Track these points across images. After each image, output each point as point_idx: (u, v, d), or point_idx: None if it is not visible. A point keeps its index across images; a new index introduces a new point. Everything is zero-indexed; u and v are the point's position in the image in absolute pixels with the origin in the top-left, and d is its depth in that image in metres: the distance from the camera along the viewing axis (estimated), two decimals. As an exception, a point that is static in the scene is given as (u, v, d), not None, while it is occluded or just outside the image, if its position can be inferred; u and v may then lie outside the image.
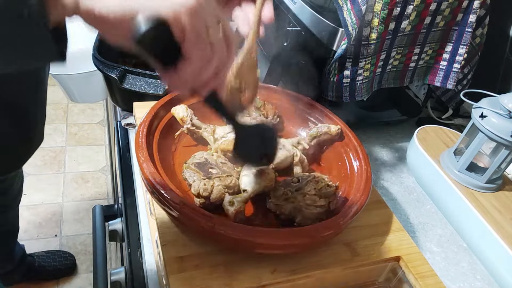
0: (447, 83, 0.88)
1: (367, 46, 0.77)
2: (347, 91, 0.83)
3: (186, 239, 0.56)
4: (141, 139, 0.62)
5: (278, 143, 0.64)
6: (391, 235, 0.63)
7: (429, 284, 0.57)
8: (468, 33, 0.82)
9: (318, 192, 0.59)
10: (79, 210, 1.93)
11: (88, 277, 1.62)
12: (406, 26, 0.78)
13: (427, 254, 0.73)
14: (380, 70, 0.85)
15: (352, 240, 0.61)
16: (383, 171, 0.90)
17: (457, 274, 0.70)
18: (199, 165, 0.61)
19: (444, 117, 1.03)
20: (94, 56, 0.84)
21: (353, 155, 0.70)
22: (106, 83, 0.88)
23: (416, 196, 0.85)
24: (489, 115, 0.71)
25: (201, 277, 0.52)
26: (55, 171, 2.09)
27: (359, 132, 0.97)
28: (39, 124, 1.01)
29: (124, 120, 0.92)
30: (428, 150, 0.84)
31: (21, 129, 0.94)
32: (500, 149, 0.74)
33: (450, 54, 0.86)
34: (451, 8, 0.79)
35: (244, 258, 0.55)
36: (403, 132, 1.03)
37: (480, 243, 0.72)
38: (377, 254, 0.60)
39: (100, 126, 2.42)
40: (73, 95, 1.82)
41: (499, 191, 0.78)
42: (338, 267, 0.57)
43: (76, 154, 2.21)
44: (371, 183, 0.64)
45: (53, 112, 2.43)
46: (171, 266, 0.53)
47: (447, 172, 0.80)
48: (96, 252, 0.84)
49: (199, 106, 0.75)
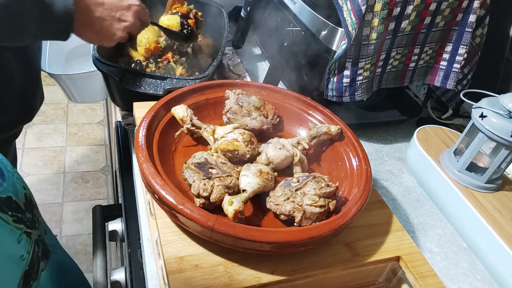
0: (447, 83, 0.88)
1: (367, 46, 0.77)
2: (347, 91, 0.83)
3: (186, 239, 0.56)
4: (141, 139, 0.62)
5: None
6: (391, 235, 0.63)
7: (429, 284, 0.57)
8: (468, 33, 0.82)
9: (318, 192, 0.59)
10: (79, 210, 1.93)
11: (88, 277, 1.61)
12: (406, 26, 0.78)
13: (427, 254, 0.73)
14: (380, 70, 0.85)
15: (352, 240, 0.61)
16: (383, 171, 0.90)
17: (457, 274, 0.70)
18: (199, 165, 0.61)
19: (444, 117, 1.03)
20: (94, 56, 0.84)
21: (353, 155, 0.70)
22: (106, 83, 0.88)
23: (416, 196, 0.85)
24: (489, 115, 0.71)
25: (201, 277, 0.52)
26: (55, 171, 2.09)
27: (359, 132, 0.97)
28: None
29: (124, 120, 0.92)
30: (428, 150, 0.84)
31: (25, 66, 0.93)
32: (500, 149, 0.74)
33: (450, 54, 0.86)
34: (451, 8, 0.79)
35: (244, 258, 0.55)
36: (403, 132, 1.03)
37: (480, 243, 0.72)
38: (377, 254, 0.60)
39: (100, 126, 2.42)
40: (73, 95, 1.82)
41: (499, 191, 0.78)
42: (338, 267, 0.57)
43: (76, 154, 2.21)
44: (371, 183, 0.64)
45: (53, 112, 2.43)
46: (171, 266, 0.53)
47: (447, 172, 0.80)
48: (96, 252, 0.84)
49: (199, 106, 0.75)
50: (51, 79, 1.70)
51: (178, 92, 0.74)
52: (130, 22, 0.72)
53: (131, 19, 0.72)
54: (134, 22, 0.73)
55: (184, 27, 0.98)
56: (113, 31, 0.71)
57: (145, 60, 0.97)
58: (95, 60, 0.83)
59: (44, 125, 2.34)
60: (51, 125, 2.35)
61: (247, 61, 1.19)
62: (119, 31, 0.71)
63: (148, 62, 0.97)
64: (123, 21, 0.71)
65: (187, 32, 0.98)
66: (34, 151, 2.17)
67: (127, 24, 0.72)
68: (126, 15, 0.71)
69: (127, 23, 0.71)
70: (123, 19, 0.71)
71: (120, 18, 0.71)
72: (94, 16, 0.67)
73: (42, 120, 2.35)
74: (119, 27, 0.71)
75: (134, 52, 0.99)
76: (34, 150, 2.18)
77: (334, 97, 0.84)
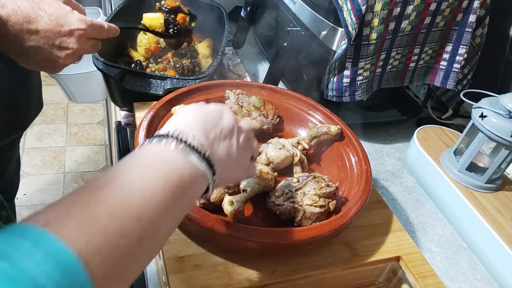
0: (447, 83, 0.88)
1: (367, 46, 0.77)
2: (347, 91, 0.83)
3: (186, 239, 0.56)
4: (141, 139, 0.62)
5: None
6: (391, 235, 0.63)
7: (429, 284, 0.57)
8: (468, 33, 0.82)
9: (318, 192, 0.59)
10: (79, 210, 1.93)
11: (88, 277, 1.61)
12: (406, 26, 0.78)
13: (427, 254, 0.73)
14: (380, 70, 0.85)
15: (352, 240, 0.61)
16: (383, 171, 0.90)
17: (457, 274, 0.70)
18: (199, 165, 0.61)
19: (444, 117, 1.03)
20: (94, 56, 0.84)
21: (353, 155, 0.70)
22: (106, 83, 0.88)
23: (416, 196, 0.85)
24: (489, 115, 0.71)
25: (201, 277, 0.52)
26: (55, 171, 2.09)
27: (359, 132, 0.97)
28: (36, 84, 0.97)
29: (124, 120, 0.92)
30: (428, 150, 0.84)
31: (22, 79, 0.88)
32: (500, 149, 0.74)
33: (450, 54, 0.86)
34: (451, 8, 0.79)
35: (244, 258, 0.55)
36: (403, 132, 1.03)
37: (480, 243, 0.72)
38: (377, 254, 0.60)
39: (100, 126, 2.42)
40: (73, 95, 1.82)
41: (499, 191, 0.78)
42: (338, 267, 0.57)
43: (76, 154, 2.21)
44: (371, 183, 0.64)
45: (53, 112, 2.43)
46: (171, 266, 0.53)
47: (447, 172, 0.80)
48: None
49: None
50: (51, 79, 1.71)
51: (178, 92, 0.74)
52: (73, 50, 0.62)
53: (75, 46, 0.62)
54: (79, 48, 0.62)
55: (169, 27, 0.86)
56: (54, 59, 0.62)
57: (145, 60, 0.97)
58: (95, 60, 0.83)
59: (44, 125, 2.34)
60: (51, 125, 2.35)
61: (247, 61, 1.19)
62: (61, 60, 0.62)
63: (148, 62, 0.97)
64: (65, 48, 0.61)
65: (173, 32, 0.87)
66: (34, 151, 2.17)
67: (69, 52, 0.62)
68: (68, 42, 0.61)
69: (69, 50, 0.61)
70: (65, 46, 0.61)
71: (61, 46, 0.61)
72: (27, 45, 0.58)
73: (42, 120, 2.35)
74: (60, 55, 0.62)
75: (134, 52, 0.99)
76: (34, 150, 2.18)
77: (334, 97, 0.84)
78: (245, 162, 0.47)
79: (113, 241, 0.27)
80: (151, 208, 0.31)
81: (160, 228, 0.32)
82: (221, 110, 0.43)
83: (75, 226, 0.26)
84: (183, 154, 0.36)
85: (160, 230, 0.32)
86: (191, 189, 0.36)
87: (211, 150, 0.39)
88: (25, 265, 0.23)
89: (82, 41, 0.62)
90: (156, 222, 0.31)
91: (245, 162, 0.47)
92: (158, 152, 0.36)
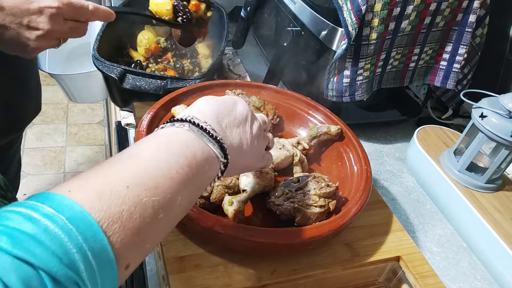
0: (447, 83, 0.88)
1: (367, 46, 0.77)
2: (347, 91, 0.83)
3: (186, 239, 0.56)
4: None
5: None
6: (391, 235, 0.63)
7: (429, 284, 0.57)
8: (468, 33, 0.82)
9: (318, 192, 0.59)
10: (79, 210, 1.93)
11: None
12: (406, 26, 0.78)
13: (427, 254, 0.73)
14: (380, 70, 0.85)
15: (352, 240, 0.61)
16: (383, 171, 0.90)
17: (457, 274, 0.70)
18: (199, 165, 0.61)
19: (444, 117, 1.03)
20: (94, 56, 0.84)
21: (353, 155, 0.70)
22: (106, 83, 0.88)
23: (416, 196, 0.85)
24: (489, 115, 0.71)
25: (201, 277, 0.52)
26: (55, 171, 2.09)
27: (359, 132, 0.97)
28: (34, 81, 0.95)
29: (124, 120, 0.92)
30: (428, 150, 0.84)
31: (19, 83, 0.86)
32: (500, 149, 0.74)
33: (450, 54, 0.86)
34: (451, 8, 0.79)
35: (244, 258, 0.55)
36: (403, 132, 1.03)
37: (480, 243, 0.72)
38: (377, 254, 0.60)
39: (100, 126, 2.42)
40: (73, 95, 1.82)
41: (499, 191, 0.78)
42: (338, 267, 0.57)
43: (76, 154, 2.21)
44: (371, 183, 0.64)
45: (53, 112, 2.43)
46: (171, 266, 0.53)
47: (447, 172, 0.80)
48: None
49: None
50: (51, 79, 1.70)
51: (178, 92, 0.74)
52: (44, 30, 0.55)
53: (46, 26, 0.55)
54: (52, 29, 0.56)
55: (178, 14, 0.77)
56: (23, 41, 0.56)
57: (145, 60, 0.97)
58: (95, 60, 0.83)
59: (44, 125, 2.34)
60: (51, 125, 2.35)
61: (247, 61, 1.19)
62: (31, 42, 0.56)
63: (148, 62, 0.97)
64: (34, 28, 0.55)
65: (182, 21, 0.77)
66: (34, 151, 2.17)
67: (39, 33, 0.55)
68: (38, 21, 0.54)
69: (39, 31, 0.55)
70: (34, 26, 0.55)
71: (30, 25, 0.55)
72: None
73: (42, 120, 2.35)
74: (29, 37, 0.55)
75: (134, 52, 0.99)
76: (34, 150, 2.18)
77: (334, 97, 0.84)
78: (260, 151, 0.48)
79: (131, 210, 0.29)
80: (166, 182, 0.32)
81: (174, 201, 0.33)
82: (235, 100, 0.45)
83: (95, 194, 0.28)
84: (195, 135, 0.37)
85: (175, 203, 0.33)
86: (203, 168, 0.37)
87: (223, 135, 0.40)
88: (49, 227, 0.25)
89: (56, 21, 0.56)
90: (171, 195, 0.33)
91: (259, 151, 0.48)
92: (171, 132, 0.37)
